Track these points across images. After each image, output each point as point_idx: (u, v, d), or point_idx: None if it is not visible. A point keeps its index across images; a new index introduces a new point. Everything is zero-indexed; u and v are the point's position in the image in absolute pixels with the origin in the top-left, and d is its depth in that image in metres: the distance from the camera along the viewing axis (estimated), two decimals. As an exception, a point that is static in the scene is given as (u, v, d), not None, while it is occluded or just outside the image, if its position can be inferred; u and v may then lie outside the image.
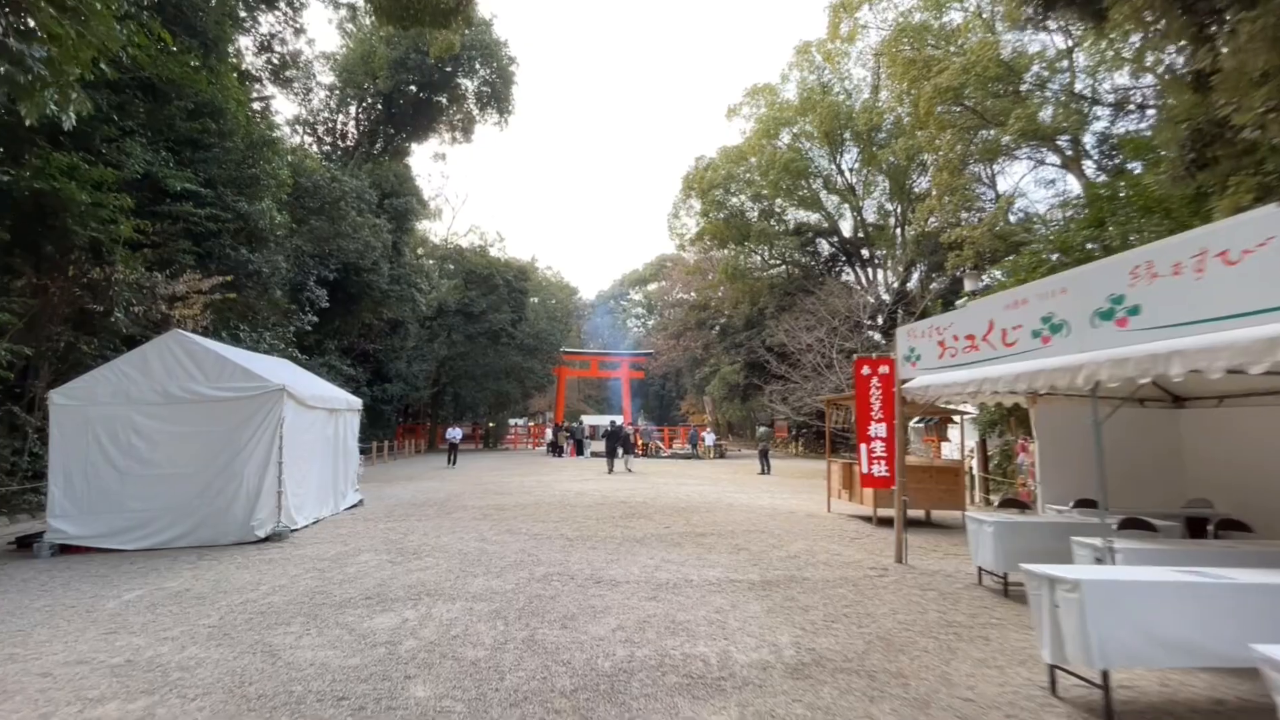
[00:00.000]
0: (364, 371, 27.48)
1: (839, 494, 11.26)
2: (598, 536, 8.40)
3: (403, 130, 26.77)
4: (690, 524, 9.65)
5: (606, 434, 20.11)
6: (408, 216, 23.46)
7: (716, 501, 12.76)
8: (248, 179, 12.07)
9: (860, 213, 35.60)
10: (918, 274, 32.48)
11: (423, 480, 17.33)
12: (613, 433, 19.87)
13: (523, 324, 36.40)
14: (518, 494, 13.65)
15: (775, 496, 14.03)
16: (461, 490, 14.47)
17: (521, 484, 15.98)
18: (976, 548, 5.98)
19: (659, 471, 20.90)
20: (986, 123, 20.09)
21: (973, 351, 5.94)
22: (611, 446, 19.52)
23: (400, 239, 23.58)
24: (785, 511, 11.38)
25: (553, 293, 48.31)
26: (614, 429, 20.09)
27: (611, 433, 19.91)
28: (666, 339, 53.42)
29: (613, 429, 20.13)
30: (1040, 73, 19.58)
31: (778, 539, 8.47)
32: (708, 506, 11.84)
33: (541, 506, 11.56)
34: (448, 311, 34.13)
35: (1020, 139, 18.38)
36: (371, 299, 23.20)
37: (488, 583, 5.91)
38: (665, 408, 62.24)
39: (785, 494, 14.66)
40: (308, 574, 6.28)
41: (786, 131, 34.12)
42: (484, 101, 29.08)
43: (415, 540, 8.13)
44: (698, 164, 35.66)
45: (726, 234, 36.35)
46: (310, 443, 9.58)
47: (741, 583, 6.03)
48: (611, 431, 19.95)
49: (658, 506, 11.72)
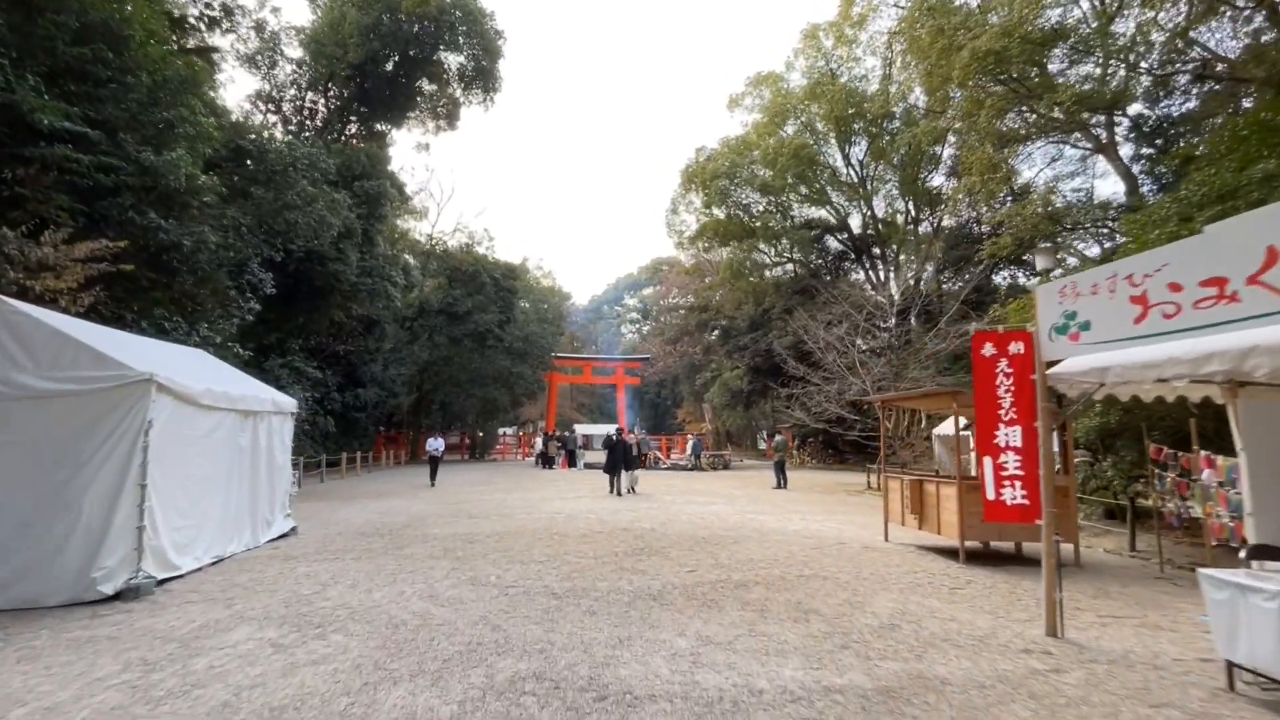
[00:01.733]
0: (334, 375, 24.94)
1: (901, 518, 8.86)
2: (597, 590, 5.95)
3: (379, 111, 24.39)
4: (721, 563, 7.22)
5: (606, 446, 16.84)
6: (381, 202, 21.04)
7: (741, 526, 10.33)
8: (156, 126, 9.65)
9: (871, 208, 33.50)
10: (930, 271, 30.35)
11: (390, 498, 14.81)
12: (615, 445, 16.22)
13: (511, 326, 33.94)
14: (495, 517, 11.17)
15: (808, 518, 11.61)
16: (429, 512, 11.97)
17: (503, 503, 13.49)
18: (1233, 630, 3.59)
19: (661, 486, 18.46)
20: (1029, 94, 17.94)
21: (1217, 306, 3.58)
22: (613, 462, 15.93)
23: (372, 226, 21.15)
24: (833, 541, 8.97)
25: (544, 297, 45.91)
26: (615, 440, 16.34)
27: (613, 445, 16.28)
28: (663, 344, 51.15)
29: (614, 440, 16.38)
30: (1088, 37, 17.43)
31: (850, 590, 6.06)
32: (734, 534, 9.41)
33: (523, 536, 9.09)
34: (430, 311, 31.64)
35: (1076, 107, 16.17)
36: (340, 293, 20.71)
37: (410, 701, 3.45)
38: (661, 416, 59.77)
39: (818, 514, 12.25)
40: (121, 678, 3.79)
41: (793, 121, 32.01)
42: (468, 80, 26.75)
43: (334, 597, 5.65)
44: (698, 155, 33.48)
45: (729, 230, 34.12)
46: (208, 455, 7.10)
47: (845, 695, 3.60)
48: (614, 443, 16.30)
49: (672, 536, 9.27)
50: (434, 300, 32.04)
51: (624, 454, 15.93)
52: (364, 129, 24.75)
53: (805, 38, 32.08)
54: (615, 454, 16.09)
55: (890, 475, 9.33)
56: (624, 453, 15.96)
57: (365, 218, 20.76)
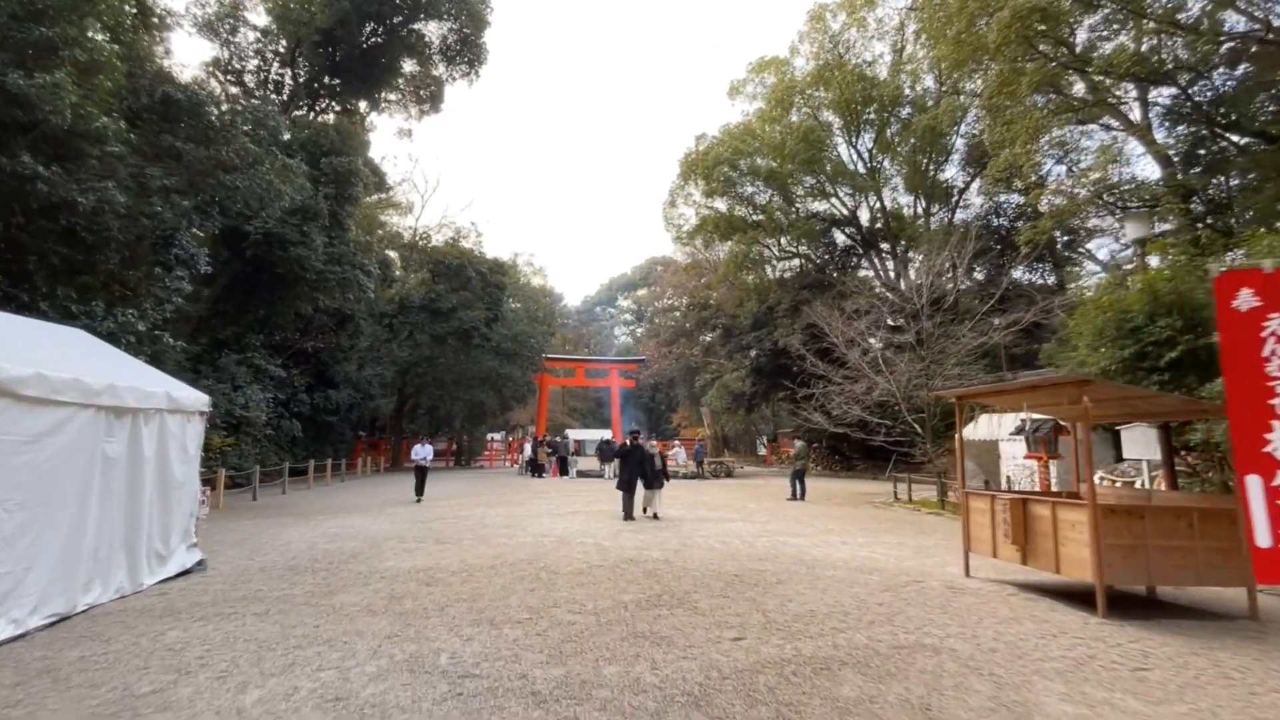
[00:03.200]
0: (302, 375, 22.72)
1: (992, 548, 6.81)
2: (603, 682, 3.85)
3: (353, 85, 22.24)
4: (773, 621, 5.15)
5: (618, 453, 13.05)
6: (352, 181, 18.90)
7: (776, 554, 8.26)
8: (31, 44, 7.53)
9: (880, 200, 31.68)
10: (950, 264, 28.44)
11: (352, 514, 12.64)
12: (628, 453, 12.23)
13: (499, 325, 31.80)
14: (469, 542, 9.04)
15: (849, 540, 9.56)
16: (389, 534, 9.82)
17: (481, 521, 11.34)
18: None
19: (665, 498, 16.36)
20: (1075, 60, 16.11)
21: None
22: (628, 476, 11.89)
23: (342, 208, 19.00)
24: (902, 578, 6.92)
25: (533, 296, 43.80)
26: (630, 447, 12.29)
27: (627, 453, 12.33)
28: (658, 346, 49.17)
29: (629, 447, 12.35)
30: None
31: (987, 676, 4.00)
32: (773, 568, 7.33)
33: (499, 573, 6.97)
34: (411, 307, 29.45)
35: (1132, 65, 14.32)
36: (306, 282, 18.53)
37: None
38: (655, 421, 57.69)
39: (857, 535, 10.21)
40: None
41: (798, 109, 30.11)
42: (450, 54, 24.63)
43: (180, 701, 3.53)
44: (698, 144, 31.55)
45: (731, 224, 32.20)
46: (41, 467, 4.97)
47: None
48: (627, 450, 12.34)
49: (693, 571, 7.18)
50: (415, 296, 29.86)
51: (642, 465, 11.97)
52: (336, 105, 22.59)
53: (811, 20, 30.31)
54: (631, 465, 11.95)
55: (974, 493, 7.28)
56: (642, 464, 11.99)
57: (334, 198, 18.62)
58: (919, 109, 28.70)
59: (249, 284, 18.77)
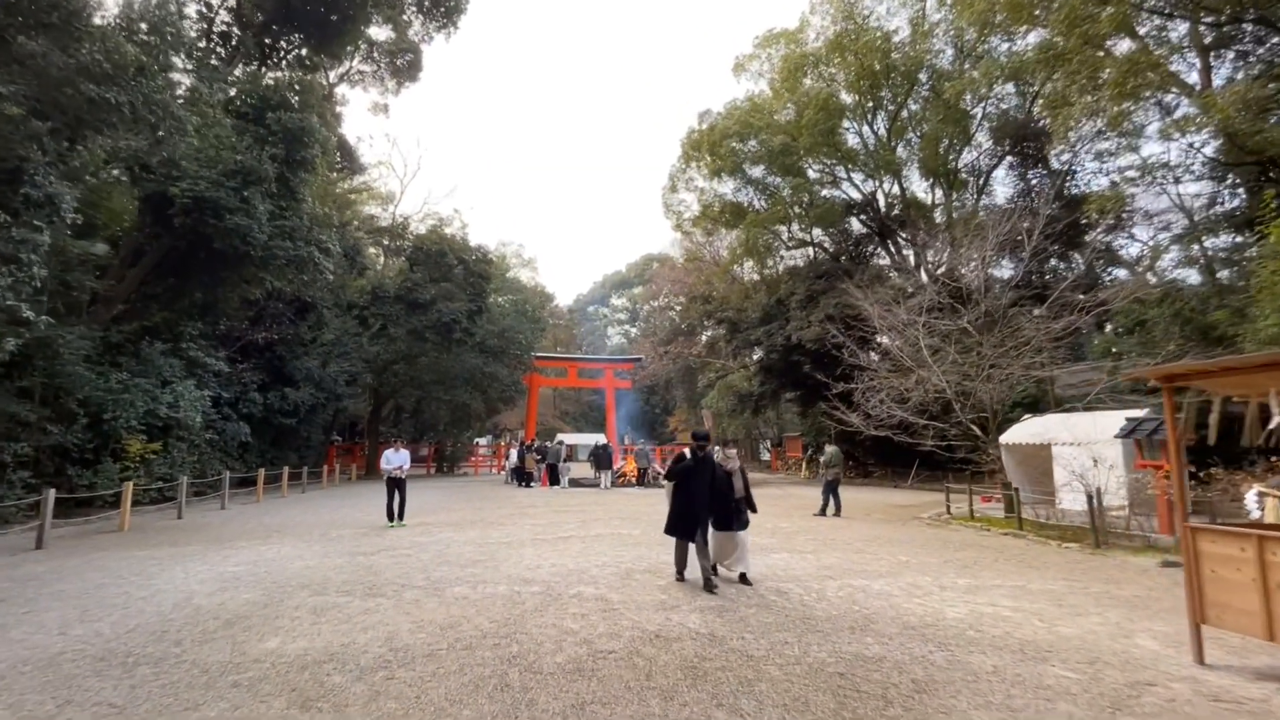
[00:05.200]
0: (255, 371, 19.83)
1: (1261, 624, 4.11)
2: None
3: (314, 41, 19.42)
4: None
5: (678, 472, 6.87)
6: (306, 142, 16.09)
7: (870, 617, 5.52)
8: None
9: (900, 183, 29.20)
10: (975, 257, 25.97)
11: (281, 540, 9.81)
12: (693, 469, 6.76)
13: (483, 319, 28.97)
14: (412, 597, 6.22)
15: (953, 586, 6.85)
16: (307, 577, 7.01)
17: (441, 554, 8.54)
18: None
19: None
20: None
21: None
22: (691, 510, 6.68)
23: (294, 175, 16.17)
24: (1097, 666, 4.22)
25: (519, 289, 41.02)
26: (696, 460, 6.79)
27: (689, 470, 6.77)
28: (655, 346, 46.52)
29: (693, 461, 6.81)
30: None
31: None
32: (890, 655, 4.57)
33: (440, 674, 4.17)
34: (384, 298, 26.58)
35: None
36: (251, 260, 15.68)
37: None
38: (651, 424, 54.92)
39: (952, 574, 7.51)
40: None
41: (811, 80, 27.59)
42: (425, 7, 21.88)
43: None
44: (701, 121, 28.93)
45: (738, 209, 29.60)
46: None
47: None
48: (689, 467, 6.80)
49: (767, 664, 4.44)
50: (390, 286, 27.00)
51: (717, 491, 6.81)
52: (290, 58, 19.70)
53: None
54: (693, 492, 6.68)
55: (1210, 529, 4.57)
56: (715, 488, 6.79)
57: (283, 161, 15.79)
58: (941, 78, 26.23)
59: (183, 262, 15.90)
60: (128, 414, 13.44)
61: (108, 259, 15.40)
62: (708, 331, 37.90)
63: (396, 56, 26.42)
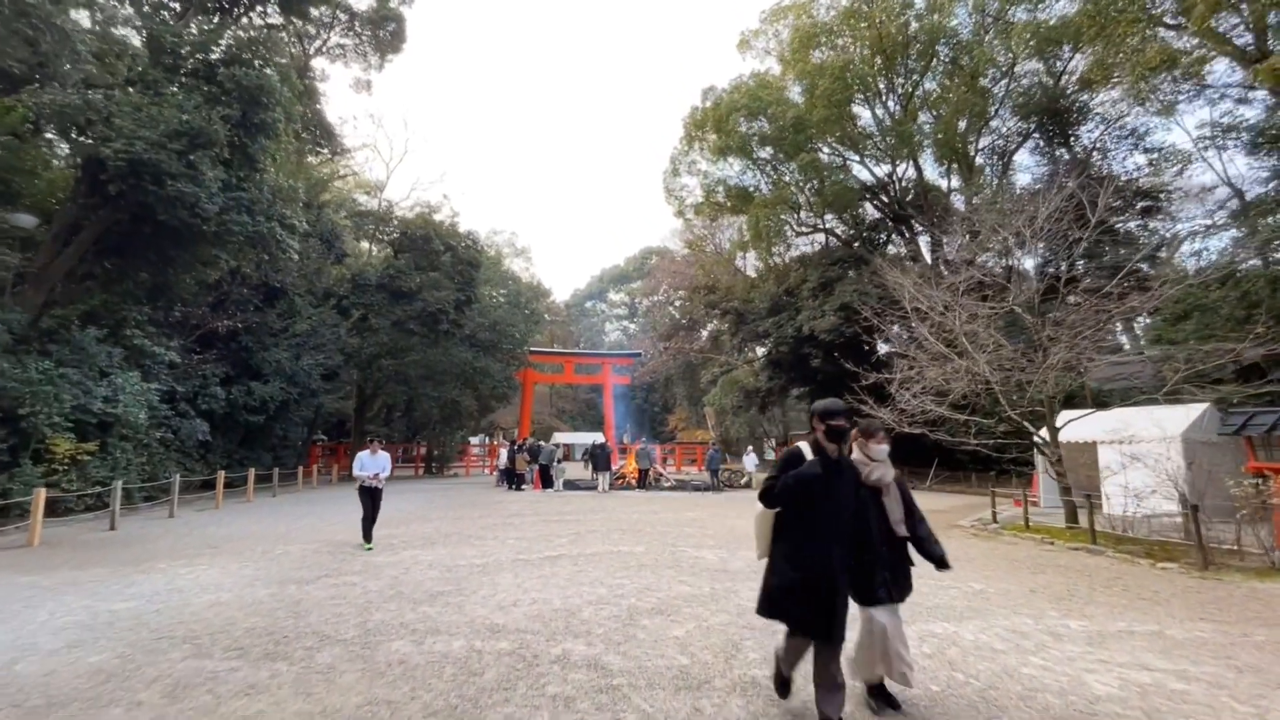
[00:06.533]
0: (217, 362, 18.01)
1: None
2: None
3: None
4: None
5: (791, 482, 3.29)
6: (266, 104, 14.26)
7: (990, 699, 3.74)
8: None
9: (918, 165, 27.42)
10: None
11: (205, 561, 8.00)
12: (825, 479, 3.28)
13: (473, 310, 27.16)
14: (326, 658, 4.37)
15: (1070, 634, 5.04)
16: (198, 626, 5.16)
17: (394, 582, 6.70)
18: None
19: (682, 520, 11.88)
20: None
21: None
22: (826, 568, 3.24)
23: (252, 141, 14.34)
24: None
25: (516, 280, 39.20)
26: (835, 459, 3.36)
27: (819, 479, 3.26)
28: (654, 342, 44.81)
29: (833, 459, 3.34)
30: None
31: None
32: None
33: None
34: (366, 286, 24.76)
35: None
36: (203, 236, 13.87)
37: None
38: (650, 423, 53.12)
39: (1053, 612, 5.73)
40: None
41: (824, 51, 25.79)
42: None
43: None
44: (705, 98, 27.08)
45: (744, 194, 27.82)
46: None
47: None
48: (820, 475, 3.27)
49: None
50: (371, 274, 25.18)
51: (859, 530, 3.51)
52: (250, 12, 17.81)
53: (838, -46, 26.00)
54: (828, 527, 3.31)
55: None
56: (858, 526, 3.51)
57: (238, 124, 13.97)
58: (962, 50, 24.46)
59: (127, 238, 14.08)
60: (50, 409, 11.61)
61: (37, 234, 13.59)
62: (710, 324, 36.15)
63: (378, 27, 24.62)
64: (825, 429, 3.32)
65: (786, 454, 3.46)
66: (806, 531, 3.31)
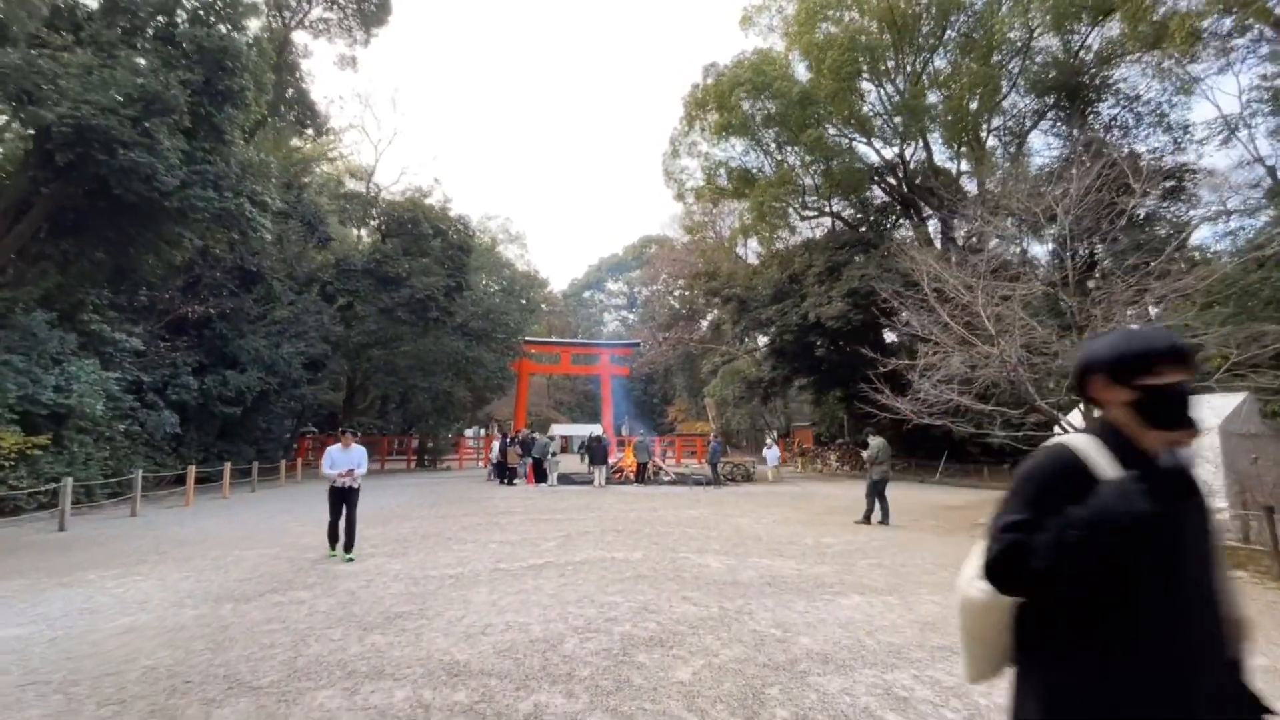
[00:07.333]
0: (189, 350, 16.96)
1: None
2: None
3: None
4: None
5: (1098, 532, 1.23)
6: (232, 69, 13.15)
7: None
8: None
9: (927, 145, 26.33)
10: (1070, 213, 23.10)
11: (156, 566, 7.01)
12: (1154, 533, 1.25)
13: (465, 297, 26.09)
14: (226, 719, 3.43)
15: None
16: (83, 667, 4.11)
17: (344, 605, 5.66)
18: None
19: (683, 521, 10.91)
20: None
21: None
22: None
23: (218, 110, 13.24)
24: None
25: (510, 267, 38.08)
26: (1170, 481, 1.33)
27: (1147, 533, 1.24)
28: (653, 332, 43.74)
29: (1165, 482, 1.30)
30: None
31: None
32: None
33: None
34: (352, 272, 23.69)
35: None
36: (166, 212, 12.81)
37: None
38: (649, 415, 52.18)
39: None
40: None
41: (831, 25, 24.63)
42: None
43: None
44: (706, 75, 25.89)
45: (747, 176, 26.70)
46: None
47: None
48: (1148, 518, 1.22)
49: None
50: (358, 259, 24.09)
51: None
52: None
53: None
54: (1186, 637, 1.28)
55: None
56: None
57: (201, 91, 12.86)
58: (976, 22, 23.33)
59: (82, 214, 13.03)
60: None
61: (-19, 209, 12.52)
62: (711, 313, 35.10)
63: (363, 2, 23.41)
64: (1148, 394, 1.35)
65: (1046, 465, 1.41)
66: (1123, 642, 1.30)
